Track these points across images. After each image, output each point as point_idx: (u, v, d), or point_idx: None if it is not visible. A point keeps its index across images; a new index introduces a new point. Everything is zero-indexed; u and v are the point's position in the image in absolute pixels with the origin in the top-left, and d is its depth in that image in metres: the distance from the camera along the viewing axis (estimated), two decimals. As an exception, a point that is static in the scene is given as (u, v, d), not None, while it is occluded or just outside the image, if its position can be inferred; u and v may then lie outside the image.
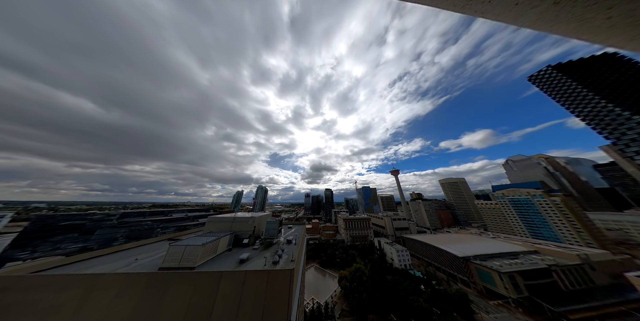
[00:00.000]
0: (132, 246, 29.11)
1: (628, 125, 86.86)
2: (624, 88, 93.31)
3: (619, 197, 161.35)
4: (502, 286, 56.93)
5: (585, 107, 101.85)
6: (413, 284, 59.39)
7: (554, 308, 49.07)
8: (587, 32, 2.95)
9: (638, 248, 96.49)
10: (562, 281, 58.73)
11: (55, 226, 74.24)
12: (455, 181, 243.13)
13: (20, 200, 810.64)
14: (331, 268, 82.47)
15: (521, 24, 3.16)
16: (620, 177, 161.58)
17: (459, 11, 3.33)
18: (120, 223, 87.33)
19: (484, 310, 52.94)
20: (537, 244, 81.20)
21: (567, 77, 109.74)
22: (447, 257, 75.87)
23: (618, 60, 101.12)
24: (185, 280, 15.97)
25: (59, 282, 15.64)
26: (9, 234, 74.90)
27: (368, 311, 49.98)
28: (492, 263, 63.21)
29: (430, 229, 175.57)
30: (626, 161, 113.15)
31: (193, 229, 49.28)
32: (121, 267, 21.08)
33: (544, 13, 2.78)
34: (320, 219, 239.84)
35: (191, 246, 22.05)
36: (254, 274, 16.54)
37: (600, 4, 2.47)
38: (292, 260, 23.44)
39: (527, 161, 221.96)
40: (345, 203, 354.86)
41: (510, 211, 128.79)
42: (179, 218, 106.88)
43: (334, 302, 57.30)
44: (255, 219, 33.92)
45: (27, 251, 67.22)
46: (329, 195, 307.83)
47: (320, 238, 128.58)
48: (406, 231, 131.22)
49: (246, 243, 29.85)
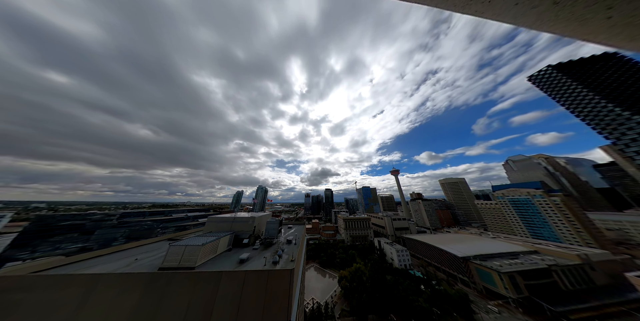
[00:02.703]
0: (132, 246, 29.13)
1: (628, 125, 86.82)
2: (624, 88, 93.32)
3: (619, 197, 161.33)
4: (502, 286, 56.92)
5: (585, 107, 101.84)
6: (413, 284, 59.36)
7: (554, 308, 49.07)
8: (587, 32, 2.94)
9: (638, 248, 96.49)
10: (562, 281, 58.72)
11: (55, 226, 74.25)
12: (455, 181, 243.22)
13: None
14: (331, 268, 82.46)
15: (521, 24, 3.16)
16: (620, 177, 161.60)
17: (459, 11, 3.33)
18: (120, 223, 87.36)
19: (484, 310, 52.94)
20: (537, 244, 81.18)
21: (567, 77, 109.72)
22: (447, 257, 75.88)
23: (618, 60, 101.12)
24: (185, 280, 15.97)
25: (59, 282, 15.65)
26: (9, 234, 75.00)
27: (368, 311, 49.98)
28: (492, 263, 63.22)
29: (430, 229, 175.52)
30: (626, 161, 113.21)
31: (193, 229, 49.27)
32: (121, 267, 21.09)
33: (544, 13, 2.78)
34: (320, 219, 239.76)
35: (191, 246, 22.06)
36: (254, 274, 16.55)
37: (600, 4, 2.46)
38: (292, 260, 23.47)
39: (527, 161, 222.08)
40: (345, 203, 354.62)
41: (510, 211, 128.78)
42: (179, 218, 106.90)
43: (334, 302, 57.30)
44: (255, 219, 33.93)
45: (27, 251, 67.22)
46: (329, 195, 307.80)
47: (320, 238, 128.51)
48: (406, 231, 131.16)
49: (246, 243, 29.87)
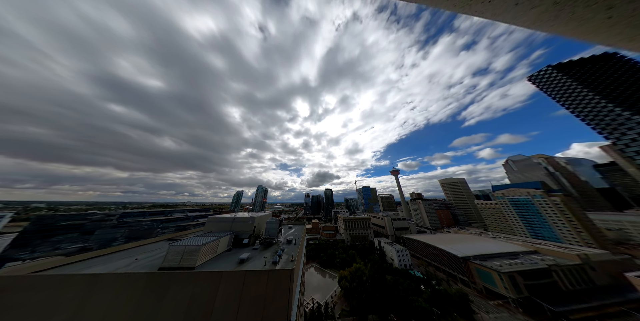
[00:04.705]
0: (132, 246, 29.14)
1: (628, 125, 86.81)
2: (624, 88, 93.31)
3: (619, 197, 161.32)
4: (502, 286, 56.90)
5: (585, 107, 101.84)
6: (413, 284, 59.32)
7: (554, 308, 49.06)
8: (587, 32, 2.95)
9: (638, 248, 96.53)
10: (562, 281, 58.70)
11: (55, 226, 74.16)
12: (455, 181, 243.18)
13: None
14: (331, 268, 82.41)
15: (521, 24, 3.16)
16: (620, 177, 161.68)
17: (459, 11, 3.33)
18: (120, 223, 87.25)
19: (484, 310, 52.94)
20: (537, 244, 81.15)
21: (567, 77, 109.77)
22: (447, 257, 75.87)
23: (618, 60, 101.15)
24: (185, 280, 15.97)
25: (59, 282, 15.64)
26: (9, 234, 74.99)
27: (368, 311, 49.96)
28: (492, 263, 63.20)
29: (430, 229, 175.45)
30: (626, 161, 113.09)
31: (193, 229, 49.26)
32: (121, 267, 21.10)
33: (544, 13, 2.79)
34: (320, 219, 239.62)
35: (191, 246, 22.06)
36: (254, 274, 16.55)
37: (600, 4, 2.47)
38: (292, 260, 23.48)
39: (527, 161, 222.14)
40: (345, 203, 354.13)
41: (510, 211, 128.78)
42: (178, 218, 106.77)
43: (334, 302, 57.29)
44: (255, 219, 33.95)
45: (27, 251, 67.16)
46: (329, 195, 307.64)
47: (320, 238, 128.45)
48: (406, 231, 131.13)
49: (246, 243, 29.88)
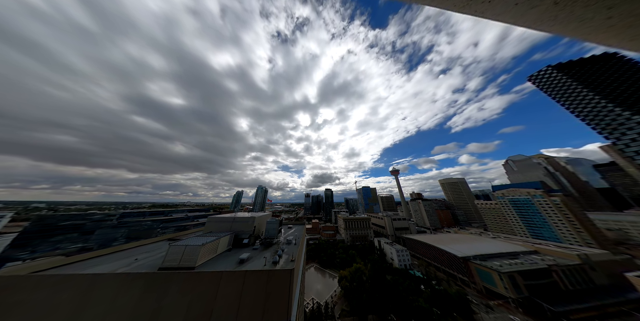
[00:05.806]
0: (132, 246, 29.13)
1: (628, 125, 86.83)
2: (624, 88, 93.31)
3: (619, 197, 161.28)
4: (502, 286, 56.89)
5: (585, 107, 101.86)
6: (413, 284, 59.35)
7: (554, 308, 49.05)
8: (587, 32, 2.95)
9: (638, 248, 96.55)
10: (562, 281, 58.68)
11: (55, 226, 74.19)
12: (455, 181, 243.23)
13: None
14: (331, 268, 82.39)
15: (521, 24, 3.16)
16: (620, 177, 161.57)
17: (459, 11, 3.33)
18: (120, 223, 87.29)
19: (484, 310, 52.94)
20: (537, 244, 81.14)
21: (567, 77, 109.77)
22: (447, 257, 75.85)
23: (618, 60, 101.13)
24: (185, 280, 15.97)
25: (59, 282, 15.64)
26: (9, 234, 74.91)
27: (368, 311, 49.95)
28: (492, 263, 63.20)
29: (430, 229, 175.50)
30: (626, 161, 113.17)
31: (193, 229, 49.25)
32: (121, 267, 21.09)
33: (544, 13, 2.79)
34: (320, 219, 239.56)
35: (191, 246, 22.06)
36: (254, 274, 16.55)
37: (600, 4, 2.47)
38: (292, 260, 23.48)
39: (527, 161, 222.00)
40: (345, 203, 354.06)
41: (510, 211, 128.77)
42: (179, 218, 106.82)
43: (334, 302, 57.29)
44: (255, 219, 33.95)
45: (27, 251, 67.18)
46: (329, 195, 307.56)
47: (320, 238, 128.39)
48: (406, 231, 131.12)
49: (246, 243, 29.88)
